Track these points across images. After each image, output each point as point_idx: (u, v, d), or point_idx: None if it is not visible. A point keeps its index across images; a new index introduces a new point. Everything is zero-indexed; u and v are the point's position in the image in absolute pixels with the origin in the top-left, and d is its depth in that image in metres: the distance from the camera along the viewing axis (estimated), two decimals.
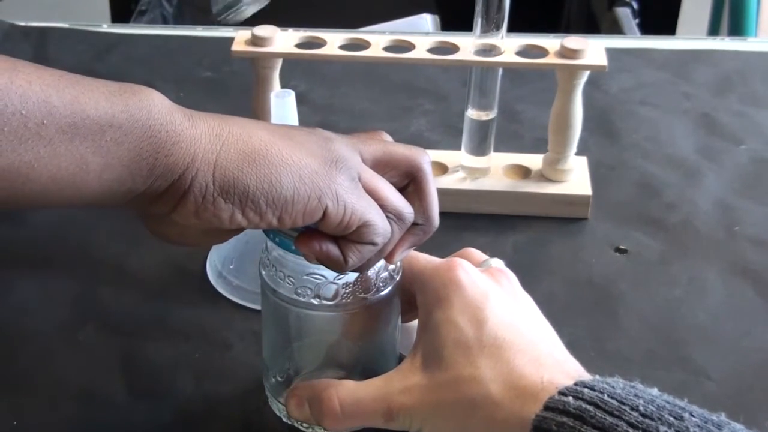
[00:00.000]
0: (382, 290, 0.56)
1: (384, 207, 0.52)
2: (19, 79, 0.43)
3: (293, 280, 0.55)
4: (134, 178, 0.46)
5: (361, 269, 0.54)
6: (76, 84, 0.45)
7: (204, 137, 0.48)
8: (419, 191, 0.55)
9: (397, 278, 0.56)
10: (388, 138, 0.57)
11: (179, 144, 0.47)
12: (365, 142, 0.54)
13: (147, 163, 0.46)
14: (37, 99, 0.43)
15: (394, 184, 0.54)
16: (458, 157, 0.80)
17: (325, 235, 0.52)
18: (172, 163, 0.47)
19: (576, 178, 0.79)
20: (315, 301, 0.55)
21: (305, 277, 0.54)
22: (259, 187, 0.48)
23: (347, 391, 0.54)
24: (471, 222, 0.77)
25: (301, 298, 0.55)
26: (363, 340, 0.58)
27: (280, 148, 0.49)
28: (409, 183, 0.55)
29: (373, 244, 0.52)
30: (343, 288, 0.55)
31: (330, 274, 0.54)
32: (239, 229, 0.51)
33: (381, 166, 0.54)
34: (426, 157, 0.55)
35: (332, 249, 0.52)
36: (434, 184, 0.55)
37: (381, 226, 0.52)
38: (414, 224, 0.54)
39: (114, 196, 0.47)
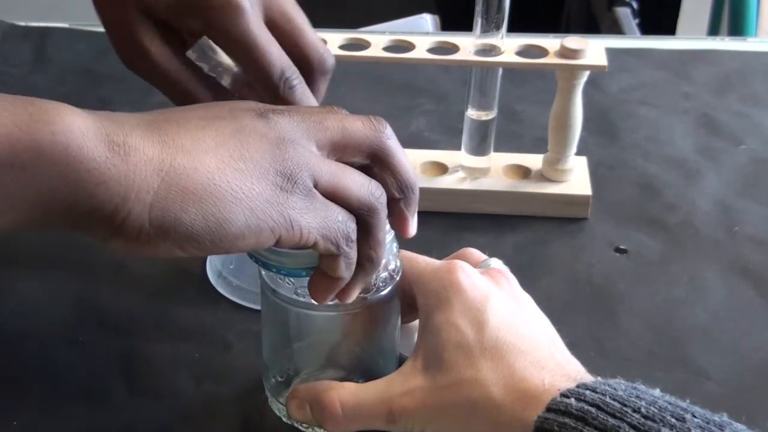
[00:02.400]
0: (382, 290, 0.56)
1: (350, 208, 0.50)
2: None
3: (293, 280, 0.55)
4: (47, 217, 0.42)
5: (371, 262, 0.52)
6: None
7: (139, 173, 0.43)
8: (388, 166, 0.51)
9: (397, 278, 0.56)
10: (344, 113, 0.52)
11: (105, 184, 0.42)
12: (320, 124, 0.49)
13: (64, 203, 0.42)
14: None
15: (357, 162, 0.51)
16: (458, 157, 0.80)
17: (329, 279, 0.51)
18: (97, 204, 0.42)
19: (576, 178, 0.79)
20: (315, 301, 0.55)
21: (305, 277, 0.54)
22: (205, 227, 0.44)
23: (349, 393, 0.54)
24: (471, 222, 0.77)
25: (301, 298, 0.55)
26: (363, 341, 0.58)
27: (230, 180, 0.45)
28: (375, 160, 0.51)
29: (336, 254, 0.50)
30: None
31: None
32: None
33: (340, 148, 0.50)
34: (386, 131, 0.51)
35: (342, 288, 0.52)
36: (402, 152, 0.52)
37: (341, 235, 0.49)
38: (393, 199, 0.52)
39: (32, 227, 0.43)
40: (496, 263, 0.59)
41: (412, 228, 0.54)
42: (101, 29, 0.60)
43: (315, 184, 0.48)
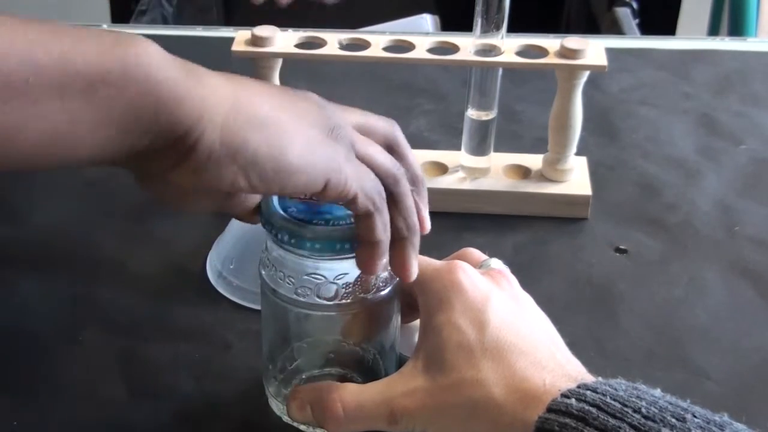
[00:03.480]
0: (382, 290, 0.56)
1: (378, 173, 0.52)
2: (1, 34, 0.41)
3: (293, 280, 0.55)
4: (131, 136, 0.44)
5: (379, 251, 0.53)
6: (64, 37, 0.43)
7: (212, 96, 0.46)
8: (401, 156, 0.55)
9: (397, 278, 0.56)
10: (358, 115, 0.56)
11: (183, 102, 0.44)
12: (346, 110, 0.54)
13: (146, 120, 0.44)
14: (20, 56, 0.41)
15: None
16: (458, 157, 0.80)
17: (371, 246, 0.52)
18: (175, 121, 0.44)
19: (576, 178, 0.79)
20: (315, 301, 0.55)
21: (305, 277, 0.54)
22: (268, 154, 0.47)
23: (350, 394, 0.54)
24: (471, 222, 0.77)
25: (301, 298, 0.55)
26: (363, 340, 0.58)
27: (288, 117, 0.49)
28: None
29: (372, 213, 0.51)
30: (343, 288, 0.55)
31: (330, 274, 0.54)
32: (238, 196, 0.51)
33: (364, 132, 0.53)
34: (398, 127, 0.56)
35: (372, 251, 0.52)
36: (410, 149, 0.56)
37: (376, 192, 0.51)
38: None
39: (110, 154, 0.45)
40: (497, 264, 0.59)
41: (428, 222, 0.56)
42: (101, 29, 0.59)
43: (352, 146, 0.51)
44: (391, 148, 0.54)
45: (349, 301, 0.55)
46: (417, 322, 0.58)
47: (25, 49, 0.41)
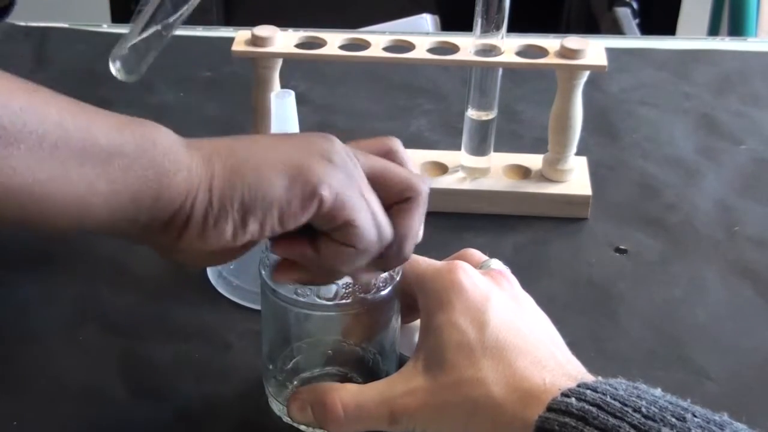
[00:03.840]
0: (382, 290, 0.56)
1: (394, 188, 0.52)
2: (37, 100, 0.45)
3: None
4: (139, 207, 0.47)
5: (333, 277, 0.54)
6: (88, 112, 0.47)
7: (200, 165, 0.49)
8: (407, 210, 0.53)
9: (397, 279, 0.56)
10: (398, 145, 0.56)
11: (180, 173, 0.48)
12: (366, 155, 0.53)
13: (151, 192, 0.47)
14: (53, 121, 0.44)
15: (381, 200, 0.53)
16: (458, 157, 0.80)
17: (298, 238, 0.52)
18: (174, 192, 0.48)
19: (576, 178, 0.79)
20: (314, 301, 0.55)
21: None
22: (252, 194, 0.48)
23: (350, 395, 0.54)
24: (471, 222, 0.77)
25: (301, 298, 0.55)
26: (363, 340, 0.58)
27: (266, 150, 0.50)
28: (397, 203, 0.53)
29: (354, 247, 0.51)
30: (342, 288, 0.55)
31: None
32: (247, 246, 0.51)
33: (373, 180, 0.52)
34: (426, 187, 0.54)
35: (305, 248, 0.52)
36: (422, 220, 0.54)
37: (367, 230, 0.51)
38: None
39: (121, 226, 0.48)
40: (497, 264, 0.59)
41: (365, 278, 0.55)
42: (101, 29, 0.60)
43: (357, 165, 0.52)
44: (406, 198, 0.53)
45: (348, 301, 0.55)
46: (418, 322, 0.58)
47: (57, 116, 0.45)
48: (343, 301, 0.55)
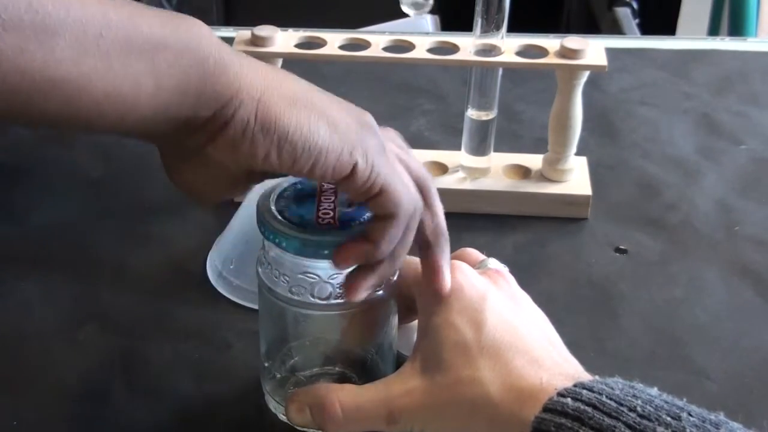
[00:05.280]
0: (378, 291, 0.56)
1: (410, 175, 0.53)
2: None
3: (288, 279, 0.55)
4: (182, 103, 0.47)
5: (393, 266, 0.53)
6: (130, 5, 0.46)
7: (250, 73, 0.48)
8: (427, 204, 0.54)
9: (394, 278, 0.56)
10: (400, 139, 0.57)
11: (226, 74, 0.47)
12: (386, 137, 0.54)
13: (195, 88, 0.47)
14: (96, 10, 0.43)
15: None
16: (458, 157, 0.80)
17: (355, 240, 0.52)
18: (218, 91, 0.47)
19: (576, 178, 0.79)
20: (309, 300, 0.55)
21: (300, 276, 0.54)
22: (298, 131, 0.48)
23: (348, 395, 0.54)
24: (471, 222, 0.77)
25: (296, 297, 0.55)
26: (359, 340, 0.58)
27: (320, 99, 0.50)
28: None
29: (393, 216, 0.51)
30: (337, 288, 0.54)
31: (324, 273, 0.54)
32: (263, 177, 0.51)
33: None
34: (433, 182, 0.55)
35: (362, 244, 0.52)
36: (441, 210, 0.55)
37: (404, 195, 0.51)
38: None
39: (161, 122, 0.47)
40: (495, 263, 0.59)
41: (446, 280, 0.56)
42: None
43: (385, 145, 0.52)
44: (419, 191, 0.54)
45: (343, 300, 0.55)
46: (416, 322, 0.58)
47: (100, 5, 0.44)
48: (337, 300, 0.55)
